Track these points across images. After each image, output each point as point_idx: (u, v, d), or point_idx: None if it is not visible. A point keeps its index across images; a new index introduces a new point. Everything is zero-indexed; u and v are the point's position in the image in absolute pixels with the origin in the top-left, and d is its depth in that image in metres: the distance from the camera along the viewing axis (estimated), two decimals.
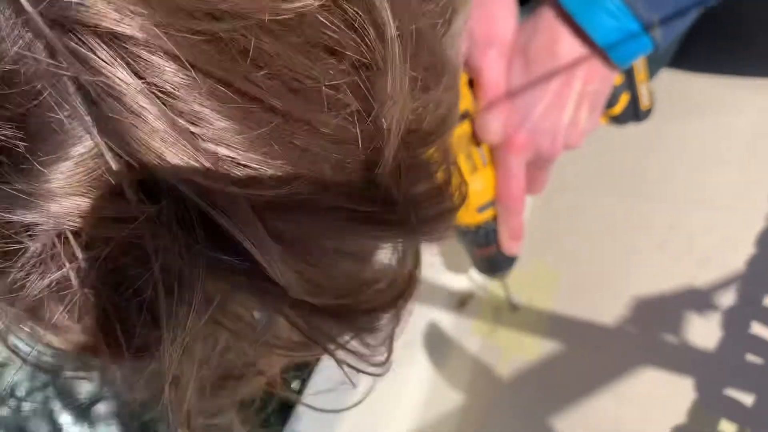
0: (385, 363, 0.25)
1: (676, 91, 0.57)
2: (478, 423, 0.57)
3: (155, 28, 0.13)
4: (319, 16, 0.15)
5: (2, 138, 0.15)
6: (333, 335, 0.22)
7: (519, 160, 0.41)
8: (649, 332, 0.53)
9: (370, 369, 0.25)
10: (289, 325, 0.21)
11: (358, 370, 0.24)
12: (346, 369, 0.24)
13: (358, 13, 0.16)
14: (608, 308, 0.55)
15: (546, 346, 0.57)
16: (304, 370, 0.51)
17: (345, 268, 0.21)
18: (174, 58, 0.14)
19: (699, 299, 0.51)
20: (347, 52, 0.16)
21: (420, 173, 0.21)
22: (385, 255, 0.23)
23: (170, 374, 0.18)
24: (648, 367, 0.51)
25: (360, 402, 0.27)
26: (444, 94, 0.20)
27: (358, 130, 0.17)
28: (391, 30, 0.16)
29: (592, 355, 0.55)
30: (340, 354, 0.23)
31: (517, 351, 0.58)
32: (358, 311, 0.22)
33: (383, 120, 0.17)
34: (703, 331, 0.50)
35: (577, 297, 0.57)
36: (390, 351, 0.25)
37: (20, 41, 0.14)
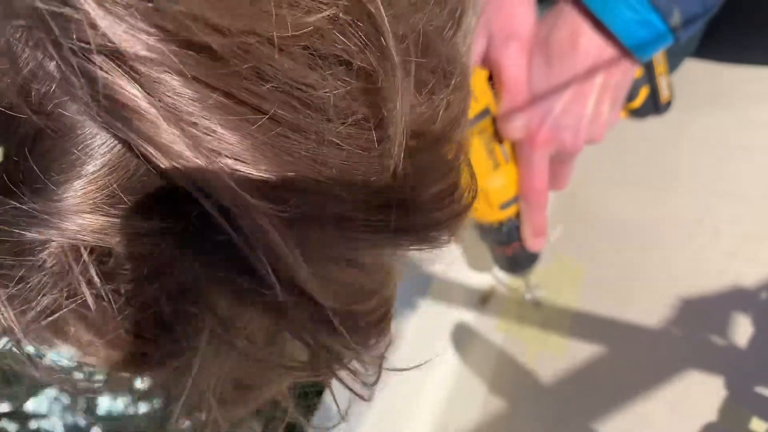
0: (374, 385, 0.25)
1: (700, 81, 0.56)
2: (502, 419, 0.56)
3: (161, 46, 0.14)
4: (321, 28, 0.16)
5: (17, 158, 0.15)
6: (335, 351, 0.22)
7: (542, 155, 0.41)
8: (677, 329, 0.52)
9: (361, 390, 0.24)
10: (295, 346, 0.21)
11: (350, 390, 0.24)
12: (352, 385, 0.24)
13: (357, 22, 0.16)
14: (633, 304, 0.54)
15: (570, 342, 0.56)
16: None
17: (348, 276, 0.21)
18: (180, 73, 0.14)
19: (728, 295, 0.50)
20: (352, 60, 0.16)
21: (431, 176, 0.20)
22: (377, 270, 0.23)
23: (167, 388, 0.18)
24: (677, 363, 0.50)
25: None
26: (454, 95, 0.20)
27: (365, 137, 0.17)
28: (388, 38, 0.16)
29: (617, 351, 0.54)
30: (339, 372, 0.22)
31: (542, 347, 0.58)
32: (357, 326, 0.22)
33: (390, 125, 0.17)
34: (734, 328, 0.49)
35: (601, 292, 0.57)
36: (380, 374, 0.25)
37: (31, 62, 0.14)
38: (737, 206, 0.53)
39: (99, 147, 0.15)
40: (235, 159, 0.15)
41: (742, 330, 0.49)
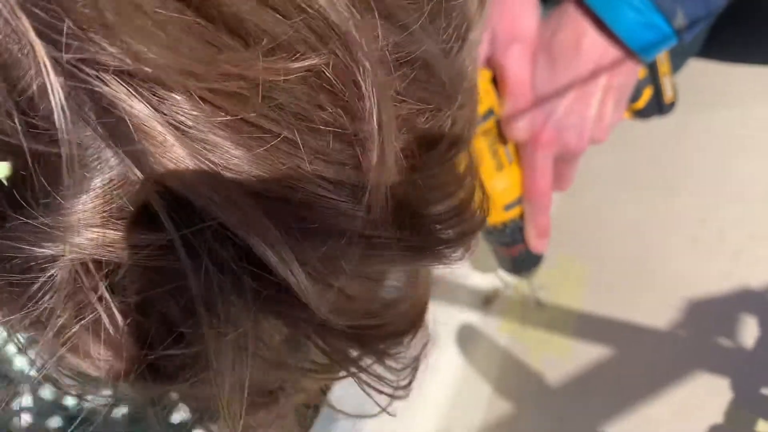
0: (407, 388, 0.25)
1: (704, 81, 0.56)
2: (506, 420, 0.56)
3: (169, 69, 0.14)
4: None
5: (24, 173, 0.15)
6: (355, 359, 0.22)
7: (545, 156, 0.41)
8: (682, 330, 0.52)
9: (392, 392, 0.25)
10: (314, 350, 0.21)
11: (380, 392, 0.24)
12: (369, 391, 0.24)
13: (342, 72, 0.16)
14: (638, 305, 0.54)
15: (575, 343, 0.56)
16: None
17: (365, 290, 0.21)
18: (187, 93, 0.14)
19: (734, 296, 0.50)
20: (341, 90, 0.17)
21: (439, 193, 0.21)
22: (402, 278, 0.23)
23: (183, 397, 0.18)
24: (682, 365, 0.50)
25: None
26: (459, 112, 0.20)
27: (364, 156, 0.17)
28: (368, 82, 0.16)
29: (622, 353, 0.54)
30: (363, 376, 0.23)
31: (546, 348, 0.58)
32: (379, 335, 0.22)
33: (384, 147, 0.17)
34: (740, 329, 0.49)
35: (606, 294, 0.57)
36: (413, 377, 0.25)
37: (38, 79, 0.14)
38: (742, 207, 0.53)
39: (107, 161, 0.15)
40: (237, 172, 0.15)
41: (748, 331, 0.48)
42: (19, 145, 0.14)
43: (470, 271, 0.62)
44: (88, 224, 0.16)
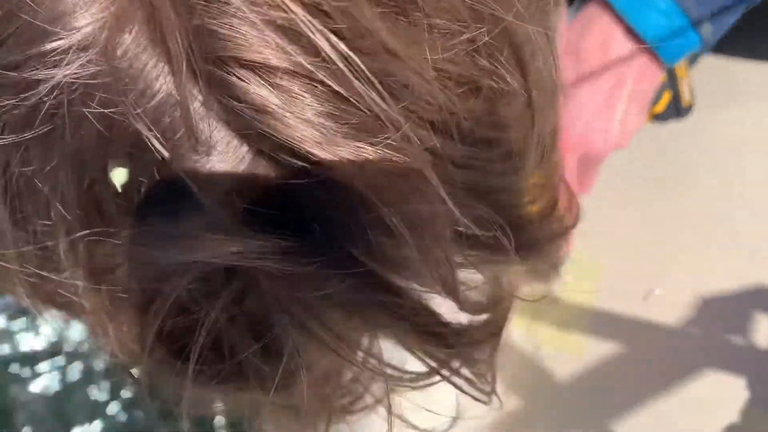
0: (492, 393, 0.25)
1: (719, 78, 0.56)
2: (518, 417, 0.56)
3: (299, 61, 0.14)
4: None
5: (143, 179, 0.15)
6: (446, 361, 0.21)
7: (570, 159, 0.41)
8: (697, 328, 0.52)
9: (481, 397, 0.25)
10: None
11: (472, 397, 0.24)
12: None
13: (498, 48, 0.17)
14: (653, 304, 0.54)
15: (588, 341, 0.56)
16: None
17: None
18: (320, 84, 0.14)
19: (750, 295, 0.51)
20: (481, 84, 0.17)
21: (536, 194, 0.21)
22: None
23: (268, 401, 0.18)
24: (699, 364, 0.50)
25: None
26: (551, 112, 0.21)
27: (488, 157, 0.18)
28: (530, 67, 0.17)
29: (635, 350, 0.54)
30: (455, 380, 0.22)
31: (559, 346, 0.58)
32: (467, 341, 0.22)
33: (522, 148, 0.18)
34: (756, 328, 0.49)
35: (620, 292, 0.57)
36: (494, 381, 0.25)
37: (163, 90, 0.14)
38: (757, 205, 0.53)
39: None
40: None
41: (764, 330, 0.49)
42: (135, 153, 0.15)
43: None
44: (210, 230, 0.15)
